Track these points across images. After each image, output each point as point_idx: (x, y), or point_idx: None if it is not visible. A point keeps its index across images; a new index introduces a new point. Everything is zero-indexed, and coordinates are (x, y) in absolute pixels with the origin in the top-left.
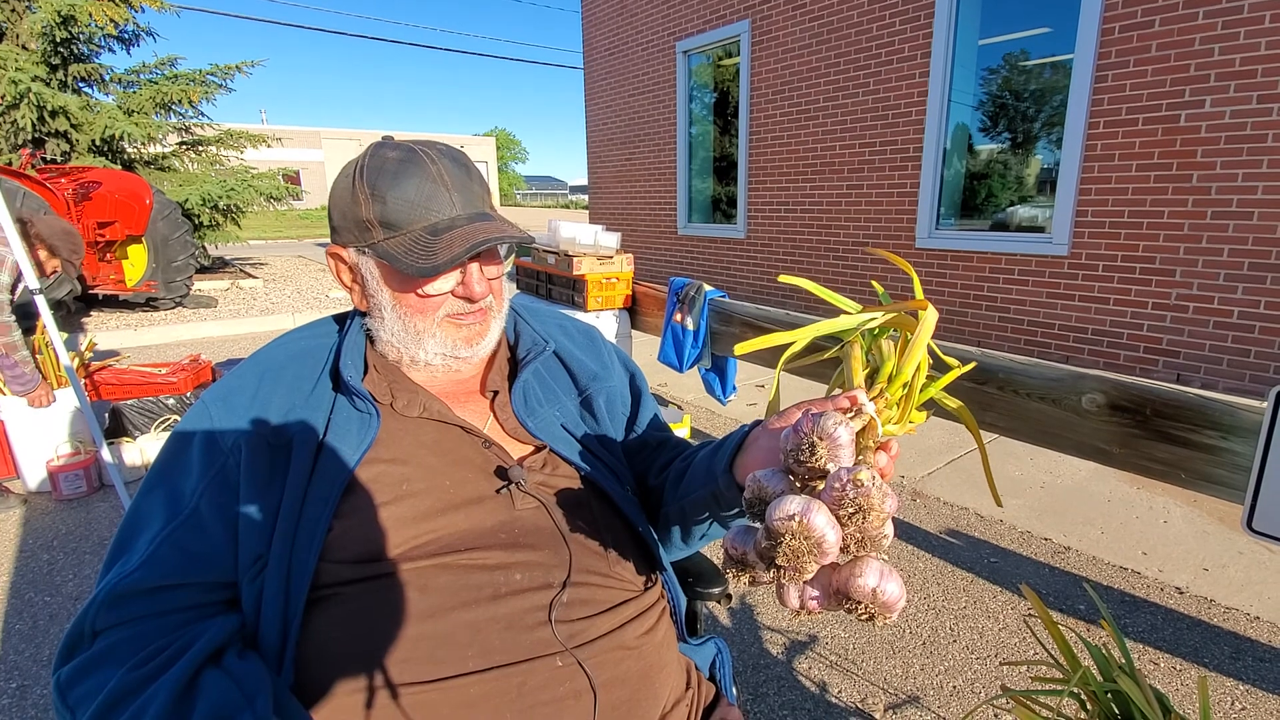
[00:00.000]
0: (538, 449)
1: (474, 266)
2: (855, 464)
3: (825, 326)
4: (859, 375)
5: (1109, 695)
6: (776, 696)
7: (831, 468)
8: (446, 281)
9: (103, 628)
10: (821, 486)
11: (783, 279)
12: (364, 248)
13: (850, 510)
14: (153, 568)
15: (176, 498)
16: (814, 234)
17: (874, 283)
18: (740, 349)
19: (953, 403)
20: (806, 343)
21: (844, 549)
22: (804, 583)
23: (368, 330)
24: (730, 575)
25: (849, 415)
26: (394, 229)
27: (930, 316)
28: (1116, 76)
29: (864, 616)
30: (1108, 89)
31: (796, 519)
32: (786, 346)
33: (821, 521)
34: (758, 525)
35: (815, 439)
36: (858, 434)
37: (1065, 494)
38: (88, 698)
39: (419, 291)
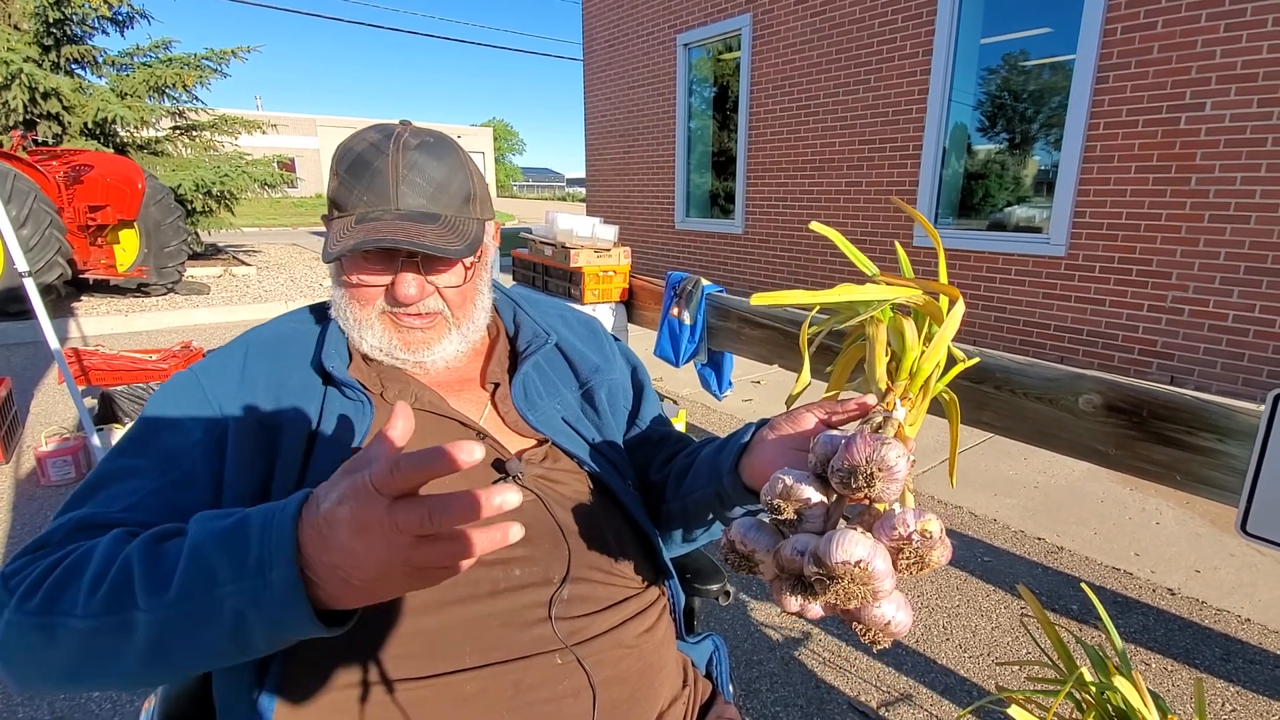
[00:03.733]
0: (539, 442)
1: (407, 273)
2: (915, 507)
3: (854, 291)
4: (881, 365)
5: (1104, 695)
6: (770, 693)
7: (897, 508)
8: (374, 276)
9: (66, 539)
10: (851, 498)
11: (813, 227)
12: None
13: (910, 559)
14: (136, 514)
15: (169, 456)
16: (812, 230)
17: (897, 245)
18: (758, 299)
19: (948, 395)
20: (830, 303)
21: None
22: None
23: None
24: (729, 565)
25: (877, 424)
26: (339, 210)
27: (959, 310)
28: (1117, 78)
29: (868, 639)
30: (1108, 90)
31: (860, 565)
32: (787, 342)
33: (883, 569)
34: (770, 521)
35: (875, 470)
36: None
37: (1059, 494)
38: (38, 575)
39: (350, 280)
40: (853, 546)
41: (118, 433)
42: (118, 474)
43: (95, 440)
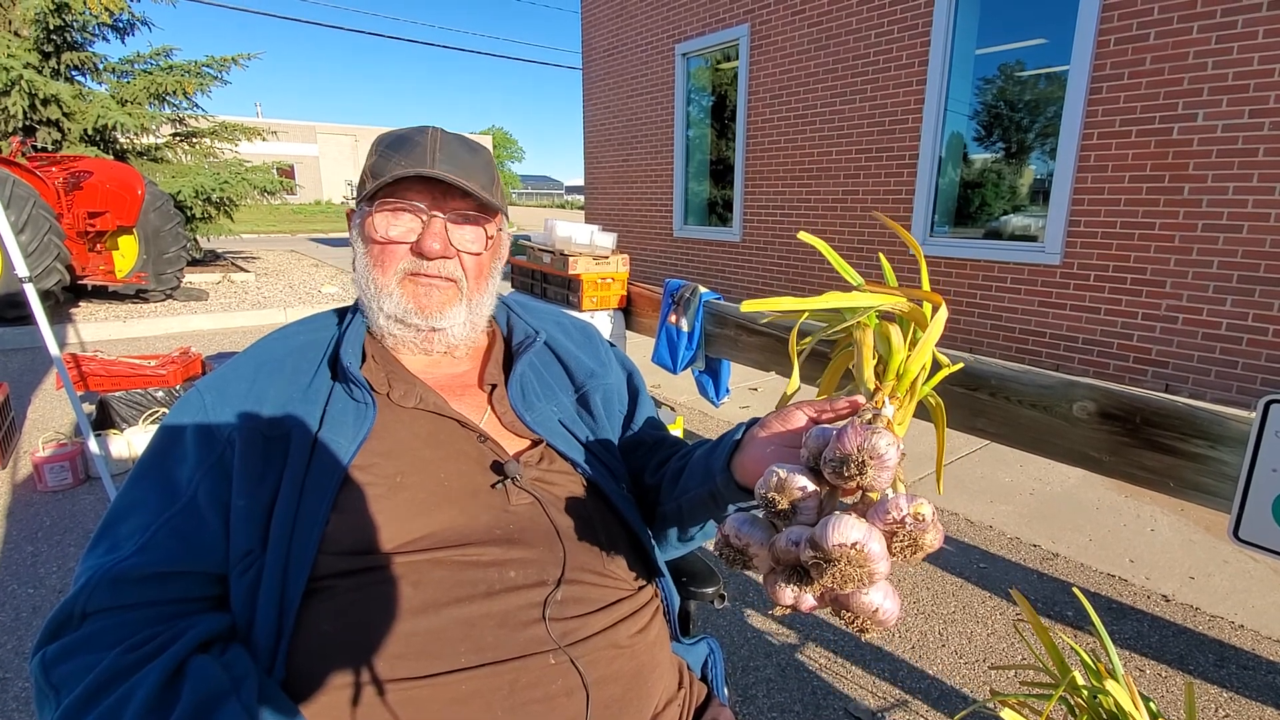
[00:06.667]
0: (535, 444)
1: (438, 222)
2: (907, 493)
3: (840, 298)
4: (869, 367)
5: (1096, 699)
6: (766, 698)
7: (890, 493)
8: (398, 228)
9: (94, 610)
10: (844, 487)
11: (802, 236)
12: (355, 199)
13: (904, 543)
14: (150, 554)
15: (173, 485)
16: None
17: (881, 255)
18: (747, 306)
19: (934, 400)
20: (818, 310)
21: None
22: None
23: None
24: (723, 560)
25: (868, 419)
26: (375, 177)
27: (942, 315)
28: (1111, 89)
29: (856, 628)
30: (1102, 101)
31: (856, 547)
32: (783, 349)
33: (878, 552)
34: (764, 515)
35: (866, 459)
36: None
37: (1054, 501)
38: (73, 677)
39: (377, 236)
40: (849, 530)
41: (115, 439)
42: (130, 508)
43: (93, 446)
